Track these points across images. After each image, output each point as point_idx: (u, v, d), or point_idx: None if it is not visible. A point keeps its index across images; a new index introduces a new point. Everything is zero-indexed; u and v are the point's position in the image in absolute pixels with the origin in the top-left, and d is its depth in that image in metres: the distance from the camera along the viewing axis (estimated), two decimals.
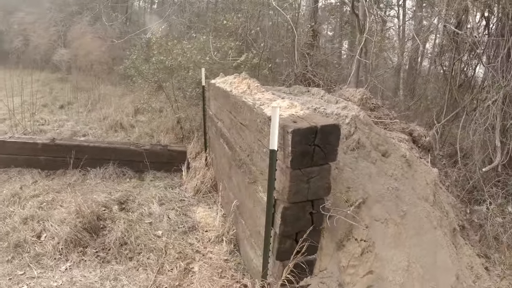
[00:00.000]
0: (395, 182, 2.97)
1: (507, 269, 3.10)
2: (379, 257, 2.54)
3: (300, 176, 1.91)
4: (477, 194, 4.17)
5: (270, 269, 2.30)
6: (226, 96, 3.34)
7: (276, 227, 2.07)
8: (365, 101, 3.71)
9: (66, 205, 3.51)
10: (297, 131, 1.78)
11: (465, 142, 4.71)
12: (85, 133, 5.63)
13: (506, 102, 3.76)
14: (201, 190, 4.21)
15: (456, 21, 4.30)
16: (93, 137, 5.41)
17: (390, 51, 7.47)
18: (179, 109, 5.35)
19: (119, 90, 8.00)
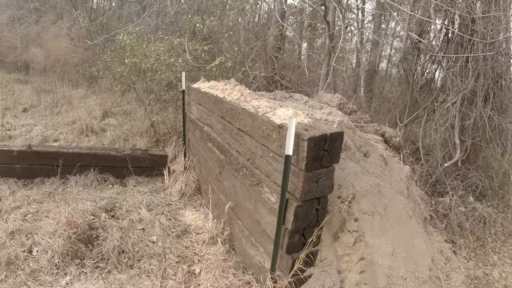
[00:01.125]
0: (376, 179, 3.50)
1: (471, 252, 3.78)
2: (369, 245, 3.02)
3: (311, 178, 2.30)
4: (440, 187, 4.89)
5: (277, 263, 2.67)
6: (217, 102, 3.62)
7: (288, 223, 2.43)
8: (342, 106, 4.22)
9: (52, 216, 3.51)
10: (312, 138, 2.16)
11: (426, 140, 5.45)
12: (56, 138, 5.51)
13: (464, 104, 4.50)
14: (186, 193, 4.45)
15: (419, 29, 5.01)
16: (65, 142, 5.32)
17: (350, 54, 8.21)
18: (152, 112, 5.48)
19: (81, 92, 7.80)
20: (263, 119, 2.67)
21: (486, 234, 3.98)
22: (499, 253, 3.82)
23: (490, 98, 4.32)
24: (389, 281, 2.93)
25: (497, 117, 4.30)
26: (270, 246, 2.77)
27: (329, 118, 3.33)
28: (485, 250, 3.83)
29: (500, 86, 4.37)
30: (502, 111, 4.49)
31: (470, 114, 4.47)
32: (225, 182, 3.64)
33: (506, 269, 3.56)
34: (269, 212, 2.69)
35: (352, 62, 9.95)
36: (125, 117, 5.98)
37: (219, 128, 3.67)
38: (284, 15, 7.04)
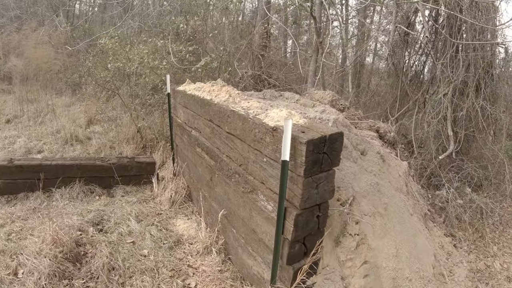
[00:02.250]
0: (375, 178, 3.34)
1: (471, 244, 3.68)
2: (371, 248, 2.87)
3: (310, 183, 2.11)
4: (435, 180, 4.79)
5: (278, 275, 2.49)
6: (204, 105, 3.41)
7: (288, 233, 2.24)
8: (334, 103, 4.05)
9: (37, 234, 3.25)
10: (311, 141, 1.97)
11: (418, 133, 5.34)
12: (40, 149, 5.20)
13: (456, 95, 4.39)
14: (176, 201, 4.22)
15: (407, 22, 4.89)
16: (49, 153, 5.02)
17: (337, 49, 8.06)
18: (138, 117, 5.22)
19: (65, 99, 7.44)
20: (254, 121, 2.47)
21: (485, 225, 3.88)
22: (499, 243, 3.72)
23: (481, 88, 4.23)
24: (395, 283, 2.78)
25: (489, 107, 4.20)
26: (268, 256, 2.59)
27: (323, 116, 3.15)
28: (484, 242, 3.73)
29: (491, 76, 4.28)
30: (493, 101, 4.41)
31: (462, 105, 4.37)
32: (217, 188, 3.43)
33: (507, 260, 3.46)
34: (266, 221, 2.50)
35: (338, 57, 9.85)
36: (110, 123, 5.71)
37: (208, 132, 3.45)
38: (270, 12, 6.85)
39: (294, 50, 8.37)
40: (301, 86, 6.38)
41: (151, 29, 6.23)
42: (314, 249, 2.42)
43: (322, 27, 5.16)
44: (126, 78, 5.37)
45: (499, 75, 4.42)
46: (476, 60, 4.12)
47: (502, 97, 4.39)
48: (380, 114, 6.48)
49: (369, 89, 9.02)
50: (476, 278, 3.26)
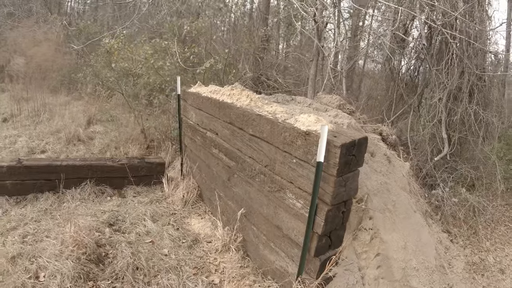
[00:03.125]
0: (383, 177, 3.75)
1: (466, 240, 4.16)
2: (383, 241, 3.26)
3: (340, 182, 2.46)
4: (430, 180, 5.27)
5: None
6: (224, 108, 3.69)
7: (318, 228, 2.58)
8: (342, 107, 4.44)
9: (54, 235, 3.42)
10: (344, 145, 2.32)
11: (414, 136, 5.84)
12: (43, 148, 5.30)
13: (450, 100, 4.89)
14: (189, 201, 4.48)
15: (404, 29, 5.36)
16: (53, 153, 5.13)
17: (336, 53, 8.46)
18: (142, 118, 5.42)
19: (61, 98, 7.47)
20: (285, 125, 2.79)
21: (478, 222, 4.38)
22: (491, 239, 4.23)
23: (474, 93, 4.74)
24: (404, 273, 3.18)
25: (481, 112, 4.73)
26: (293, 250, 2.92)
27: (338, 120, 3.52)
28: (478, 237, 4.23)
29: (483, 82, 4.80)
30: (485, 106, 4.94)
31: (456, 109, 4.87)
32: (235, 188, 3.72)
33: (499, 254, 3.96)
34: (294, 217, 2.82)
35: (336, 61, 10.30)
36: (111, 123, 5.86)
37: (227, 134, 3.74)
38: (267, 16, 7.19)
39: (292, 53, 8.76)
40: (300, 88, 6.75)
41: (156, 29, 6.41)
42: (337, 241, 2.78)
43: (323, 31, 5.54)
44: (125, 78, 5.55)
45: (491, 81, 4.96)
46: (470, 67, 4.63)
47: (493, 102, 4.94)
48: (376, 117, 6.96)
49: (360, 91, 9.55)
50: (472, 270, 3.73)
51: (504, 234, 4.27)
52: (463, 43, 4.55)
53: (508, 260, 3.86)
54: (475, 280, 3.56)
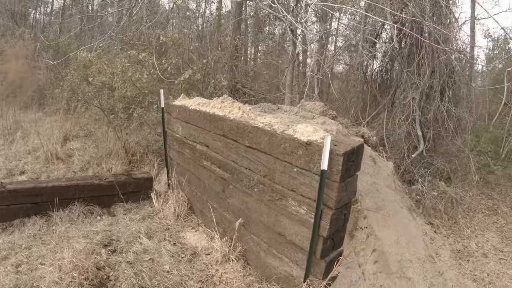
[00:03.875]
0: (371, 178, 4.07)
1: (448, 230, 4.59)
2: (378, 237, 3.56)
3: (343, 187, 2.71)
4: (408, 176, 5.71)
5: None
6: (216, 120, 3.85)
7: (324, 231, 2.81)
8: (325, 113, 4.74)
9: (50, 262, 3.37)
10: (346, 153, 2.57)
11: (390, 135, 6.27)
12: (22, 169, 5.14)
13: (423, 99, 5.34)
14: (180, 215, 4.58)
15: (375, 33, 5.77)
16: (33, 173, 5.00)
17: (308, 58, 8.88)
18: (122, 132, 5.43)
19: (32, 115, 7.20)
20: (284, 136, 3.00)
21: (457, 212, 4.84)
22: (471, 227, 4.69)
23: (446, 91, 5.22)
24: (400, 265, 3.50)
25: (453, 108, 5.21)
26: (297, 254, 3.13)
27: (327, 127, 3.79)
28: (459, 226, 4.68)
29: (453, 80, 5.30)
30: (456, 103, 5.44)
31: (429, 107, 5.33)
32: (231, 199, 3.89)
33: (480, 240, 4.42)
34: (298, 223, 3.03)
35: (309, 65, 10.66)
36: (88, 139, 5.80)
37: (219, 146, 3.90)
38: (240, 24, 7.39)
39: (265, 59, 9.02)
40: (276, 95, 7.01)
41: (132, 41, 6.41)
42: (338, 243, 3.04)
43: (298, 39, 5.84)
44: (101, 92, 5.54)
45: (460, 79, 5.48)
46: (440, 67, 5.10)
47: (464, 98, 5.45)
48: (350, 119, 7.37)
49: (330, 93, 9.99)
50: (458, 257, 4.14)
51: (482, 221, 4.76)
52: (432, 44, 5.00)
53: (489, 245, 4.32)
54: (462, 266, 3.97)
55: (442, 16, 4.93)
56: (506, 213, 5.19)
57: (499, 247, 4.39)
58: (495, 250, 4.31)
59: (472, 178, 5.23)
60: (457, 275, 3.82)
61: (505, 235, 4.62)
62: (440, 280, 3.54)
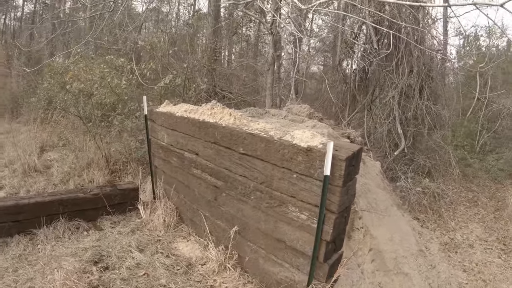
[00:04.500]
0: (362, 178, 4.22)
1: (434, 224, 4.84)
2: (373, 236, 3.70)
3: (344, 191, 2.80)
4: (390, 174, 5.95)
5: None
6: (206, 127, 3.84)
7: (327, 235, 2.89)
8: (311, 115, 4.85)
9: (40, 285, 3.25)
10: (348, 158, 2.66)
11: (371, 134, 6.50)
12: (0, 184, 4.89)
13: (402, 97, 5.58)
14: (170, 225, 4.54)
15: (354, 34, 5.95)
16: (11, 188, 4.78)
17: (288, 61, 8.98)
18: (102, 141, 5.28)
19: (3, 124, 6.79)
20: (282, 143, 3.06)
21: (441, 206, 5.11)
22: (455, 219, 4.97)
23: (424, 90, 5.48)
24: (396, 262, 3.66)
25: (432, 106, 5.48)
26: (298, 259, 3.20)
27: (318, 131, 3.88)
28: (443, 220, 4.94)
29: (431, 79, 5.57)
30: (435, 100, 5.72)
31: (409, 106, 5.58)
32: (224, 207, 3.89)
33: (465, 231, 4.70)
34: (299, 229, 3.09)
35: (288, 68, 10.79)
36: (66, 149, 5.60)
37: (211, 154, 3.89)
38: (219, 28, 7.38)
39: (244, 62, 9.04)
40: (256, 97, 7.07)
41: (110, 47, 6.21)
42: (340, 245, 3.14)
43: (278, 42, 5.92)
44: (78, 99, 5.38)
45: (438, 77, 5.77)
46: (418, 66, 5.35)
47: (442, 96, 5.75)
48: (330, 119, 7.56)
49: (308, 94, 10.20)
50: (446, 249, 4.38)
51: (464, 213, 5.06)
52: (410, 44, 5.24)
53: (474, 236, 4.61)
54: (451, 258, 4.21)
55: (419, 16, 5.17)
56: (486, 203, 5.55)
57: (483, 237, 4.69)
58: (480, 240, 4.61)
59: (452, 172, 5.53)
60: (448, 267, 4.05)
61: (487, 225, 4.95)
62: (433, 273, 3.74)
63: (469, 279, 4.26)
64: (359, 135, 5.23)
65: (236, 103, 7.12)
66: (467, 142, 7.59)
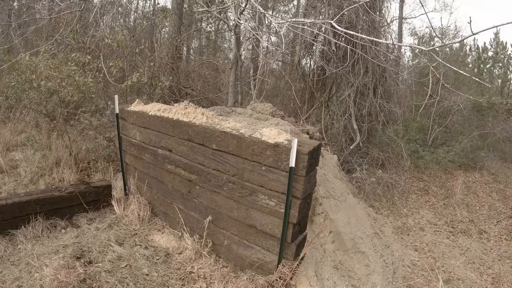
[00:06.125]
0: (321, 170, 4.92)
1: (387, 210, 5.66)
2: (333, 220, 4.41)
3: (307, 180, 3.44)
4: (347, 166, 6.75)
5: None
6: (181, 126, 4.32)
7: (293, 218, 3.51)
8: (274, 113, 5.48)
9: (28, 284, 3.54)
10: (310, 152, 3.30)
11: (328, 129, 7.26)
12: None
13: (358, 95, 6.37)
14: (145, 219, 4.99)
15: (313, 35, 6.65)
16: None
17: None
18: (69, 139, 5.57)
19: None
20: (252, 139, 3.64)
21: (394, 195, 5.96)
22: (407, 206, 5.83)
23: (378, 89, 6.29)
24: (354, 242, 4.39)
25: (385, 104, 6.31)
26: (268, 242, 3.80)
27: (281, 128, 4.51)
28: (396, 207, 5.78)
29: (385, 79, 6.39)
30: (388, 98, 6.56)
31: (364, 103, 6.39)
32: (198, 199, 4.41)
33: (416, 217, 5.55)
34: (268, 214, 3.68)
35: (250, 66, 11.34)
36: (30, 148, 5.78)
37: (184, 150, 4.40)
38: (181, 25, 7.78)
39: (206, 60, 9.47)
40: (217, 94, 7.57)
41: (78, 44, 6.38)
42: (304, 227, 3.80)
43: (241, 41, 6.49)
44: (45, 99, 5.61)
45: (391, 77, 6.61)
46: (373, 67, 6.15)
47: (394, 94, 6.60)
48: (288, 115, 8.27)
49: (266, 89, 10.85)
50: (399, 232, 5.20)
51: (416, 200, 5.93)
52: (366, 45, 6.02)
53: (425, 220, 5.47)
54: (403, 239, 5.02)
55: (376, 20, 5.95)
56: (436, 192, 6.49)
57: (433, 221, 5.58)
58: (430, 224, 5.48)
59: (404, 164, 6.41)
60: (401, 246, 4.86)
61: (437, 211, 5.86)
62: (388, 252, 4.51)
63: (420, 257, 5.09)
64: (317, 130, 5.93)
65: (198, 100, 7.60)
66: (419, 136, 8.62)
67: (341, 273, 4.21)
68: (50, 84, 5.15)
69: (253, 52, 9.26)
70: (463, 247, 5.41)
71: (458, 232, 5.75)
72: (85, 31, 7.22)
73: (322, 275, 4.02)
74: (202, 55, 10.23)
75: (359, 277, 4.31)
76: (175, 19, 7.50)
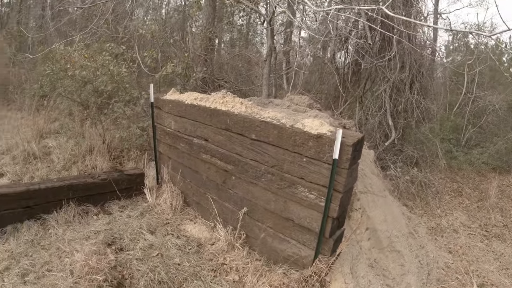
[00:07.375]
0: (359, 165, 4.85)
1: (421, 210, 5.55)
2: (369, 217, 4.34)
3: (349, 173, 3.39)
4: (381, 163, 6.64)
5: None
6: (218, 115, 4.30)
7: (333, 212, 3.48)
8: (311, 106, 5.44)
9: (59, 267, 3.57)
10: (354, 144, 3.25)
11: (363, 124, 7.17)
12: (1, 171, 5.15)
13: (394, 91, 6.26)
14: (177, 208, 5.03)
15: (348, 30, 6.57)
16: (14, 175, 5.01)
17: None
18: (103, 128, 5.67)
19: None
20: (294, 130, 3.60)
21: (428, 195, 5.84)
22: (440, 207, 5.70)
23: (414, 85, 6.17)
24: (390, 240, 4.31)
25: (422, 100, 6.19)
26: (305, 236, 3.76)
27: (321, 120, 4.48)
28: (430, 207, 5.66)
29: (422, 74, 6.27)
30: (424, 94, 6.43)
31: (400, 99, 6.27)
32: (234, 190, 4.42)
33: (450, 218, 5.43)
34: (307, 207, 3.64)
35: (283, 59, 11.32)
36: (64, 135, 5.92)
37: (221, 140, 4.40)
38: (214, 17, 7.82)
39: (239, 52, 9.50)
40: (251, 87, 7.58)
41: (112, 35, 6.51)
42: (343, 222, 3.76)
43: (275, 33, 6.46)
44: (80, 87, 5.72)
45: (428, 73, 6.48)
46: (410, 62, 6.03)
47: (431, 90, 6.46)
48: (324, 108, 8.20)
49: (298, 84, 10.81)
50: (432, 233, 5.09)
51: (449, 202, 5.80)
52: (403, 40, 5.90)
53: (458, 222, 5.35)
54: (437, 241, 4.91)
55: (412, 14, 5.84)
56: (470, 194, 6.34)
57: (467, 223, 5.46)
58: (463, 226, 5.36)
59: (439, 163, 6.28)
60: (435, 248, 4.76)
61: (471, 214, 5.73)
62: (422, 252, 4.42)
63: (454, 260, 4.97)
64: (354, 125, 5.86)
65: (231, 92, 7.61)
66: (453, 136, 8.42)
67: (376, 272, 4.14)
68: (84, 73, 5.24)
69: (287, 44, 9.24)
70: (497, 252, 5.26)
71: (492, 236, 5.60)
72: (118, 22, 7.32)
73: (357, 272, 3.96)
74: (234, 48, 10.25)
75: (393, 277, 4.23)
76: (209, 10, 7.53)
